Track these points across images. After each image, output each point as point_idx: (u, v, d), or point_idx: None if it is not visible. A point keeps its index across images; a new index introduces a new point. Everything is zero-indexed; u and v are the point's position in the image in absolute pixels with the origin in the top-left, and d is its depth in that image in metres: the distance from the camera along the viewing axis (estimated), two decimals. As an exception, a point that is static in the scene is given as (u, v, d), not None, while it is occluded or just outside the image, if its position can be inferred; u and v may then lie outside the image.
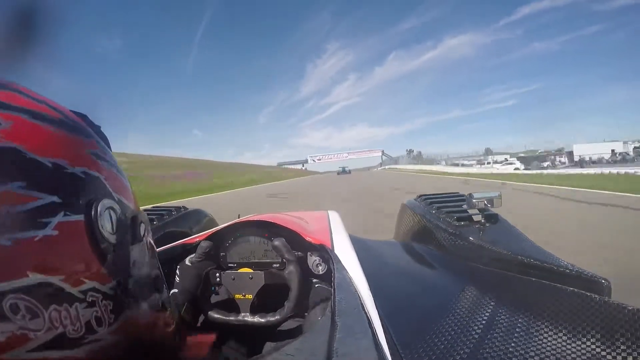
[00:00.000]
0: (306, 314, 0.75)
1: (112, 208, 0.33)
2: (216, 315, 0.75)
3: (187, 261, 0.78)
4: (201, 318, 0.78)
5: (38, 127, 0.30)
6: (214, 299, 0.83)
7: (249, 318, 0.73)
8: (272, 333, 0.75)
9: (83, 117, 0.38)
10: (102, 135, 0.40)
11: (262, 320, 0.72)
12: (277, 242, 0.76)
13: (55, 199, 0.28)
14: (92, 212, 0.31)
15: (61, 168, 0.30)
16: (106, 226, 0.32)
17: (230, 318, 0.74)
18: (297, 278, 0.72)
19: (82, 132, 0.35)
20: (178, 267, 0.78)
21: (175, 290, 0.74)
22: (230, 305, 0.77)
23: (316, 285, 0.79)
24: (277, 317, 0.72)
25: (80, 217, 0.30)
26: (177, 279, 0.76)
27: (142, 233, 0.38)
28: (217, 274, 0.79)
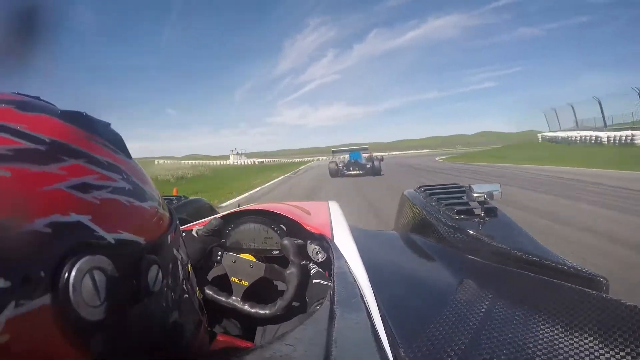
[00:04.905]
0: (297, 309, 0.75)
1: (98, 268, 0.24)
2: (207, 291, 0.75)
3: (193, 231, 0.78)
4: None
5: None
6: (209, 275, 0.83)
7: (239, 304, 0.74)
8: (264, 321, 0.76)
9: (76, 118, 0.29)
10: (111, 136, 0.31)
11: (251, 310, 0.73)
12: (286, 242, 0.76)
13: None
14: (62, 285, 0.21)
15: (7, 230, 0.20)
16: (87, 298, 0.23)
17: (221, 298, 0.74)
18: (296, 281, 0.72)
19: (56, 155, 0.25)
20: (183, 234, 0.78)
21: None
22: (224, 286, 0.77)
23: (314, 281, 0.79)
24: (267, 311, 0.72)
25: (42, 301, 0.20)
26: None
27: (153, 280, 0.28)
28: (220, 253, 0.79)
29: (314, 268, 0.80)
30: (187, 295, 0.35)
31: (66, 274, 0.22)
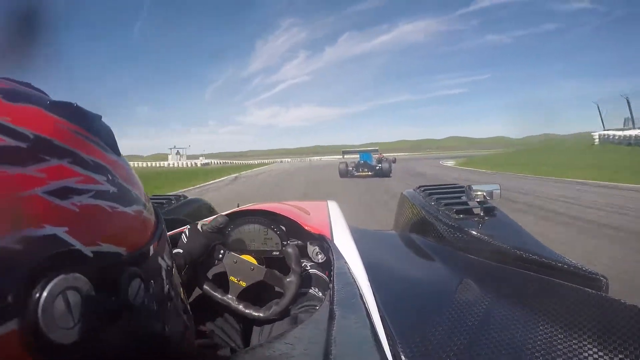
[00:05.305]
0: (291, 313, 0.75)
1: (72, 288, 0.21)
2: (205, 287, 0.75)
3: (199, 225, 0.77)
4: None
5: None
6: (209, 272, 0.83)
7: (233, 302, 0.74)
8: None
9: (66, 109, 0.26)
10: (101, 131, 0.28)
11: (245, 310, 0.73)
12: (290, 250, 0.76)
13: None
14: (31, 308, 0.19)
15: None
16: (59, 321, 0.20)
17: (216, 294, 0.74)
18: (294, 290, 0.72)
19: (38, 155, 0.22)
20: (188, 227, 0.77)
21: (180, 250, 0.73)
22: (222, 284, 0.77)
23: (309, 291, 0.79)
24: (260, 314, 0.72)
25: (8, 327, 0.18)
26: (184, 239, 0.75)
27: (134, 294, 0.26)
28: (222, 251, 0.79)
29: (311, 270, 0.80)
30: (170, 303, 0.33)
31: (37, 295, 0.19)
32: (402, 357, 0.46)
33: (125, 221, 0.27)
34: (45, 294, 0.20)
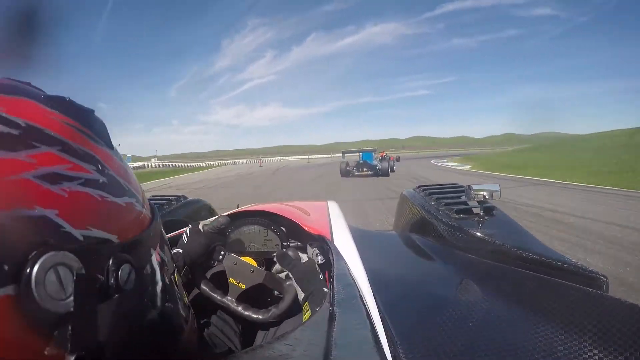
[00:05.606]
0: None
1: (62, 264, 0.23)
2: (204, 287, 0.75)
3: (200, 225, 0.77)
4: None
5: None
6: (208, 272, 0.83)
7: (232, 304, 0.74)
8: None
9: (59, 102, 0.28)
10: (93, 124, 0.30)
11: (244, 312, 0.73)
12: (290, 252, 0.76)
13: None
14: (25, 278, 0.21)
15: None
16: (52, 292, 0.22)
17: (215, 296, 0.74)
18: (294, 294, 0.72)
19: (29, 141, 0.24)
20: (189, 227, 0.77)
21: (180, 250, 0.73)
22: (221, 285, 0.77)
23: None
24: (259, 316, 0.72)
25: (5, 292, 0.21)
26: (185, 239, 0.75)
27: (125, 279, 0.27)
28: (222, 252, 0.79)
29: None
30: (166, 295, 0.34)
31: (30, 267, 0.21)
32: (403, 358, 0.46)
33: (116, 210, 0.29)
34: (37, 267, 0.22)
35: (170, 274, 0.36)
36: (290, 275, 0.72)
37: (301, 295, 0.66)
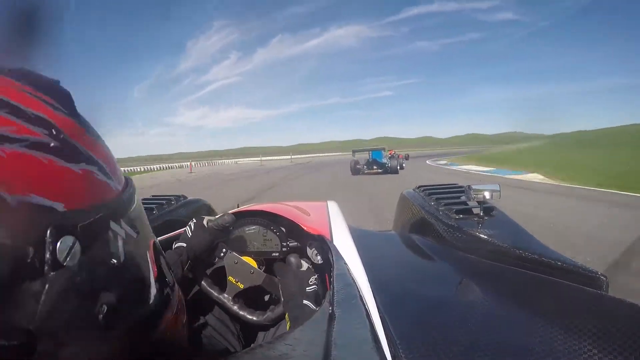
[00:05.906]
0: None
1: None
2: (202, 283, 0.75)
3: (204, 221, 0.76)
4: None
5: None
6: (209, 269, 0.83)
7: (228, 302, 0.74)
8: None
9: (19, 73, 0.28)
10: (53, 92, 0.30)
11: (240, 312, 0.73)
12: (292, 259, 0.76)
13: None
14: None
15: None
16: None
17: (213, 292, 0.74)
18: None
19: None
20: (194, 222, 0.76)
21: (184, 244, 0.72)
22: (219, 282, 0.77)
23: (304, 302, 0.78)
24: (254, 317, 0.72)
25: None
26: (189, 233, 0.75)
27: (65, 252, 0.24)
28: (224, 250, 0.78)
29: (312, 285, 0.78)
30: (128, 273, 0.31)
31: None
32: (403, 358, 0.46)
33: (67, 176, 0.27)
34: None
35: (134, 247, 0.33)
36: (279, 286, 0.72)
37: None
